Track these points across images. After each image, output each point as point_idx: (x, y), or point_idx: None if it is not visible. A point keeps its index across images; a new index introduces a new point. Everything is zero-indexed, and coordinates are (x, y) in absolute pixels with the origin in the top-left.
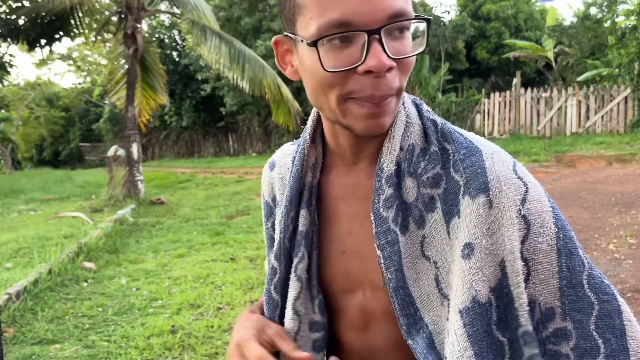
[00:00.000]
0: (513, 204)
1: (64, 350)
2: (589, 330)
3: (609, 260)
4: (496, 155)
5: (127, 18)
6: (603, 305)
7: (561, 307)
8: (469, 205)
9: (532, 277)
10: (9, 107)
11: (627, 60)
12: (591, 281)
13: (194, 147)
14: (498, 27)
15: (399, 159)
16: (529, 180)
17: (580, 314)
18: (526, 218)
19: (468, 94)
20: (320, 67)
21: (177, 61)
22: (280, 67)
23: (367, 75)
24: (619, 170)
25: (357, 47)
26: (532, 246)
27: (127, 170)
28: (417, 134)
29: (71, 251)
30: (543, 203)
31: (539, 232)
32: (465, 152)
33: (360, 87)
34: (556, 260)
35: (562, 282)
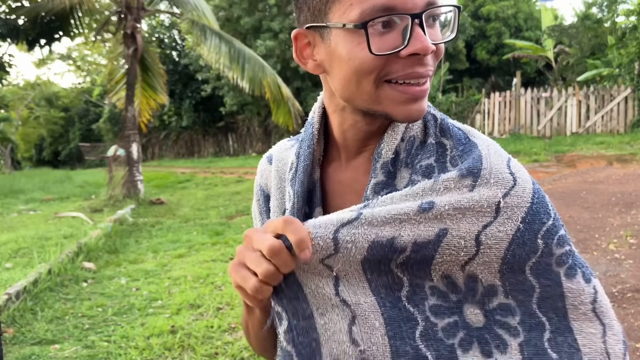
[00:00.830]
0: (493, 196)
1: (64, 351)
2: (533, 309)
3: (609, 260)
4: (492, 148)
5: (126, 18)
6: (544, 289)
7: (502, 287)
8: (452, 180)
9: (477, 258)
10: (8, 107)
11: (627, 60)
12: (535, 267)
13: (193, 147)
14: (498, 27)
15: (399, 149)
16: (520, 176)
17: (521, 294)
18: (499, 209)
19: (468, 94)
20: (361, 51)
21: (177, 61)
22: (299, 62)
23: (409, 58)
24: (619, 170)
25: (398, 32)
26: (491, 233)
27: (126, 170)
28: (418, 126)
29: (71, 251)
30: (523, 199)
31: (503, 222)
32: (463, 148)
33: (401, 68)
34: (505, 248)
35: (503, 267)
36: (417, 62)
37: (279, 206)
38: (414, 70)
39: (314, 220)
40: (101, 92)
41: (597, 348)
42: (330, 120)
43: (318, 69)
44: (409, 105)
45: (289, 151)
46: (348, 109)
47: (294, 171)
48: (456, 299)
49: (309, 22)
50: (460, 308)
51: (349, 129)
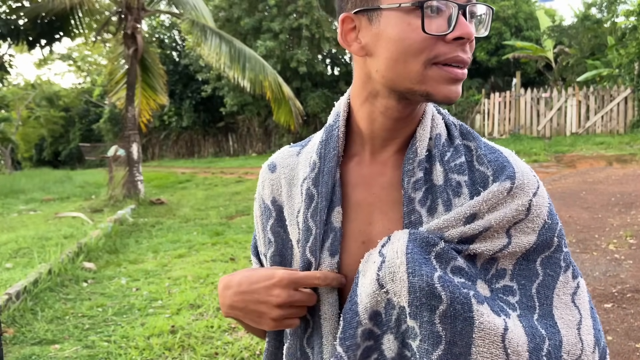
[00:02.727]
0: (526, 195)
1: (64, 351)
2: (531, 293)
3: (609, 261)
4: (513, 155)
5: (127, 18)
6: (547, 278)
7: (511, 271)
8: (494, 192)
9: (506, 250)
10: (8, 107)
11: (627, 60)
12: (545, 260)
13: (194, 147)
14: (499, 27)
15: (430, 146)
16: (539, 180)
17: (524, 279)
18: (530, 208)
19: (468, 94)
20: (412, 32)
21: (177, 61)
22: (344, 44)
23: (454, 42)
24: (619, 170)
25: (444, 18)
26: (521, 228)
27: (127, 170)
28: (441, 125)
29: (71, 251)
30: (545, 199)
31: (532, 219)
32: (486, 148)
33: (447, 50)
34: (533, 241)
35: (522, 256)
36: (460, 47)
37: (292, 213)
38: (458, 54)
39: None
40: (101, 93)
41: (573, 333)
42: (356, 114)
43: (361, 52)
44: (450, 85)
45: (294, 158)
46: (382, 94)
47: (317, 172)
48: (470, 274)
49: (357, 7)
50: (474, 282)
51: (379, 117)
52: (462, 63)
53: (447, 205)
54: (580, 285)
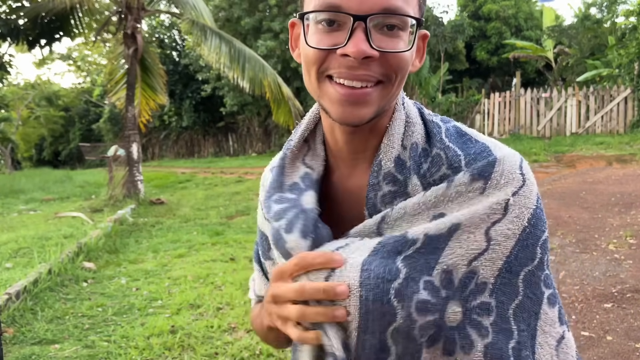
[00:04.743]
0: (504, 195)
1: (64, 350)
2: (508, 314)
3: (609, 261)
4: (505, 150)
5: (127, 18)
6: (526, 300)
7: (493, 285)
8: (464, 185)
9: (485, 254)
10: (8, 107)
11: (627, 60)
12: (528, 276)
13: (194, 147)
14: (499, 26)
15: (404, 157)
16: (528, 178)
17: (504, 296)
18: (507, 206)
19: (468, 94)
20: (306, 43)
21: (177, 61)
22: (291, 49)
23: (346, 57)
24: (619, 170)
25: (345, 32)
26: (500, 229)
27: (127, 170)
28: (419, 133)
29: (71, 251)
30: (529, 200)
31: (512, 220)
32: (475, 150)
33: (336, 64)
34: (511, 247)
35: (505, 265)
36: (354, 64)
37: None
38: (347, 70)
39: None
40: (101, 92)
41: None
42: (323, 122)
43: (299, 58)
44: (343, 106)
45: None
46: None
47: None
48: (445, 295)
49: (298, 13)
50: (445, 305)
51: (336, 129)
52: (354, 80)
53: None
54: (566, 335)
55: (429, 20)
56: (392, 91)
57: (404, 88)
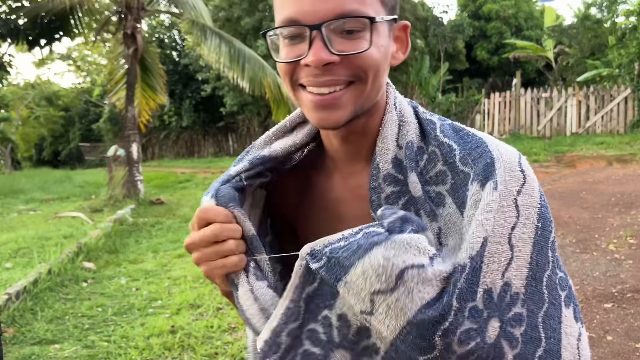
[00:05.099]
0: (510, 193)
1: (64, 351)
2: (537, 322)
3: (609, 261)
4: (501, 146)
5: (127, 18)
6: (551, 307)
7: (524, 295)
8: (477, 193)
9: (512, 262)
10: (8, 107)
11: (627, 60)
12: (548, 281)
13: (193, 147)
14: (499, 26)
15: (400, 157)
16: (528, 174)
17: (534, 305)
18: (518, 207)
19: (468, 94)
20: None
21: (177, 61)
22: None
23: (308, 67)
24: (619, 170)
25: (306, 43)
26: (518, 234)
27: (126, 170)
28: (413, 132)
29: (71, 251)
30: (533, 198)
31: (524, 222)
32: (471, 145)
33: (304, 74)
34: (530, 252)
35: (530, 273)
36: (317, 72)
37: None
38: (313, 79)
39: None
40: (101, 92)
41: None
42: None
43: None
44: (317, 112)
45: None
46: None
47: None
48: (487, 316)
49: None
50: (486, 326)
51: (330, 133)
52: (320, 86)
53: (431, 216)
54: (582, 332)
55: (429, 20)
56: (366, 90)
57: (404, 88)
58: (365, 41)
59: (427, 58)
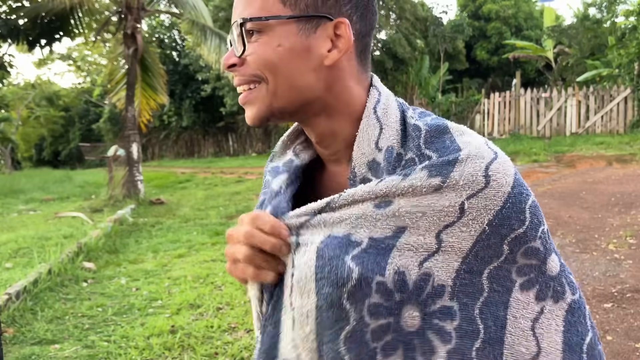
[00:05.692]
0: (457, 197)
1: (64, 351)
2: (473, 314)
3: (609, 261)
4: (474, 153)
5: (127, 18)
6: (492, 294)
7: (451, 287)
8: (419, 179)
9: (437, 255)
10: (8, 107)
11: (627, 60)
12: (493, 272)
13: (193, 147)
14: (499, 26)
15: (379, 160)
16: (497, 180)
17: (467, 297)
18: (463, 210)
19: (468, 94)
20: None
21: (177, 61)
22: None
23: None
24: (619, 170)
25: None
26: (453, 232)
27: (126, 170)
28: (394, 137)
29: (71, 251)
30: (492, 202)
31: (467, 223)
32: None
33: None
34: (468, 248)
35: (462, 266)
36: (233, 73)
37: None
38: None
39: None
40: (101, 92)
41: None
42: None
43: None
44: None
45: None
46: None
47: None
48: (399, 299)
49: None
50: (400, 309)
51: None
52: (237, 85)
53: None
54: (546, 310)
55: (429, 20)
56: (274, 89)
57: (404, 88)
58: (257, 43)
59: (427, 58)
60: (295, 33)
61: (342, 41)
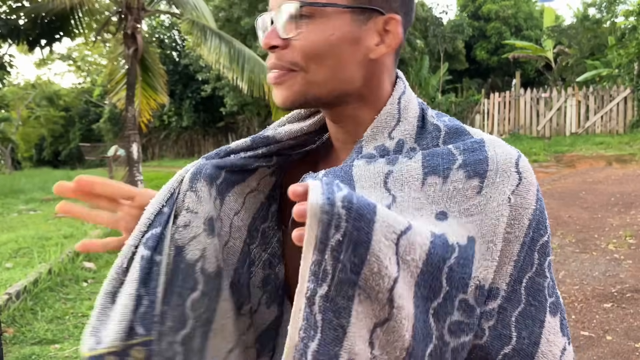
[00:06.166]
0: (502, 193)
1: (64, 350)
2: (509, 321)
3: (609, 261)
4: (499, 147)
5: (127, 18)
6: (529, 308)
7: (505, 292)
8: (460, 181)
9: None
10: (8, 107)
11: (626, 60)
12: (529, 284)
13: (194, 147)
14: (498, 26)
15: (389, 147)
16: (526, 176)
17: (508, 303)
18: (511, 207)
19: (468, 94)
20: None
21: (177, 61)
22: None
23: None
24: (619, 170)
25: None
26: (507, 235)
27: (127, 170)
28: (409, 132)
29: (71, 251)
30: (527, 200)
31: (512, 224)
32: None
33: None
34: (517, 251)
35: (515, 271)
36: (270, 54)
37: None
38: (269, 61)
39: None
40: (101, 92)
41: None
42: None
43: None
44: (273, 90)
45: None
46: None
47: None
48: (479, 312)
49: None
50: (479, 323)
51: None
52: (270, 68)
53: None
54: (568, 349)
55: (429, 20)
56: (313, 79)
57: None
58: (307, 29)
59: (427, 58)
60: (349, 23)
61: (390, 37)
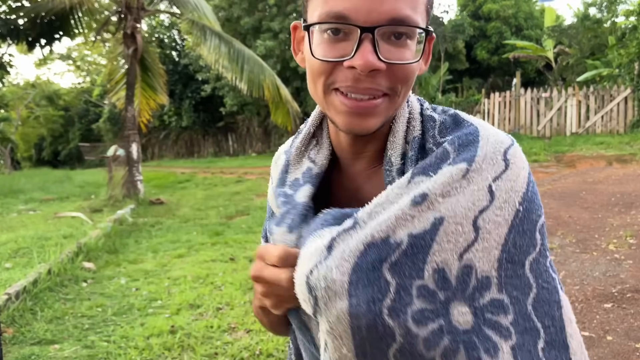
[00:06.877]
0: (484, 180)
1: (64, 351)
2: (527, 311)
3: (609, 261)
4: (492, 136)
5: (126, 18)
6: (542, 291)
7: (497, 279)
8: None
9: (476, 244)
10: (8, 107)
11: (627, 60)
12: (534, 265)
13: (193, 147)
14: (499, 26)
15: (405, 151)
16: (514, 163)
17: (516, 290)
18: (492, 192)
19: (468, 94)
20: (311, 54)
21: (177, 61)
22: (293, 53)
23: (353, 70)
24: (619, 170)
25: (352, 43)
26: (489, 217)
27: (126, 170)
28: (418, 128)
29: (70, 251)
30: (516, 184)
31: (500, 206)
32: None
33: (343, 78)
34: (505, 234)
35: (503, 255)
36: (361, 76)
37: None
38: (354, 84)
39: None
40: (101, 92)
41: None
42: (328, 123)
43: (303, 62)
44: (350, 118)
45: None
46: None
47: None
48: (444, 298)
49: (303, 18)
50: (447, 308)
51: (340, 134)
52: (362, 93)
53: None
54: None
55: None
56: (398, 102)
57: None
58: (409, 51)
59: None
60: (416, 44)
61: (428, 55)
